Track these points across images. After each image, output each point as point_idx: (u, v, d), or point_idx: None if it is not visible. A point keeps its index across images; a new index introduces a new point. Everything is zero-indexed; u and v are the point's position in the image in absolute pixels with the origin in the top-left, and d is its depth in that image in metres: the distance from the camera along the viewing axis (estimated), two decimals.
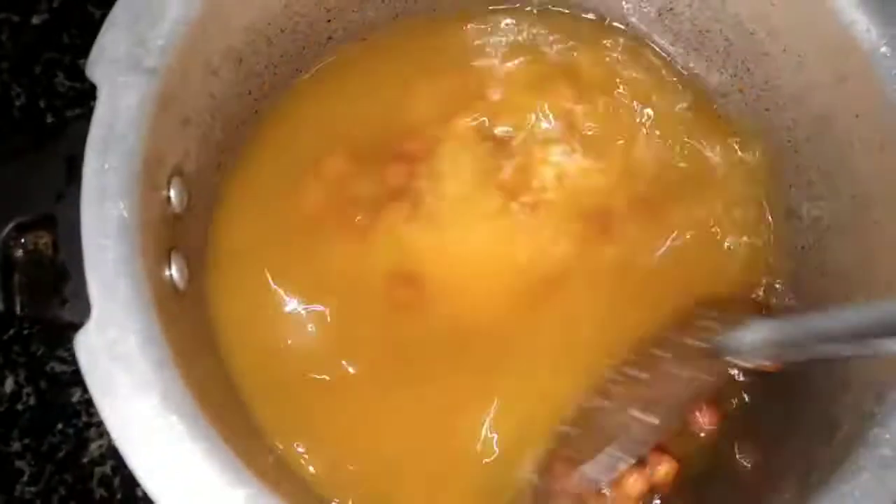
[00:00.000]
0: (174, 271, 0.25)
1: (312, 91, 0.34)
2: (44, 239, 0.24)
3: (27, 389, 0.38)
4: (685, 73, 0.34)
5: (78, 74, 0.41)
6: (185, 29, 0.24)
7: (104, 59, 0.23)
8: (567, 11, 0.34)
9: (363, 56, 0.34)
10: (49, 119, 0.41)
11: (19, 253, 0.24)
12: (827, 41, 0.28)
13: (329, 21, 0.33)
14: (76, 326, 0.23)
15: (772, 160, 0.32)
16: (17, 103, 0.41)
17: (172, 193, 0.26)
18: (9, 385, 0.37)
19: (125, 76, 0.23)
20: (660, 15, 0.33)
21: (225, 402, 0.26)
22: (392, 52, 0.35)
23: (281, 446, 0.29)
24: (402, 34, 0.35)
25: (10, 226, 0.23)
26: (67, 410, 0.37)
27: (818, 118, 0.29)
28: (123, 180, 0.22)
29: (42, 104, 0.41)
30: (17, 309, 0.23)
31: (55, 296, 0.23)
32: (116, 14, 0.23)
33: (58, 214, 0.23)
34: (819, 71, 0.29)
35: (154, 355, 0.21)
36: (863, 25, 0.27)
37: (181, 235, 0.26)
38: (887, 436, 0.23)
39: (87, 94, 0.41)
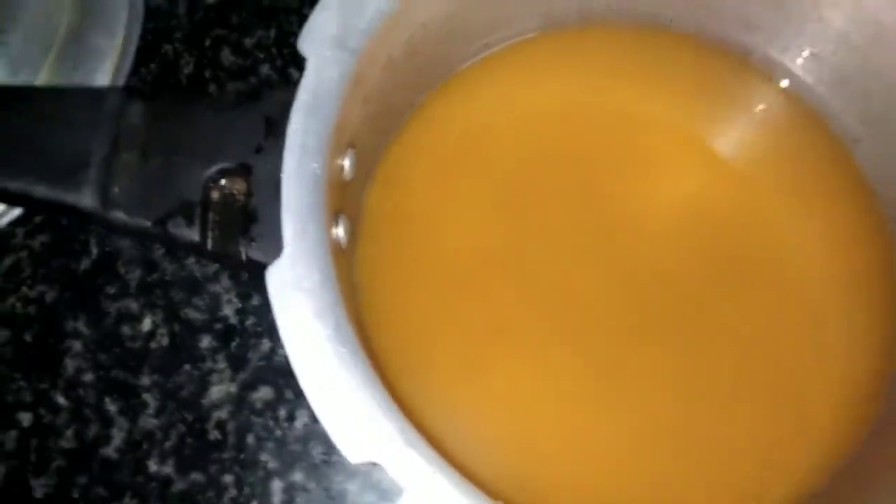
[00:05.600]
0: (340, 231, 0.28)
1: (463, 89, 0.37)
2: (238, 185, 0.27)
3: (162, 330, 0.41)
4: (820, 115, 0.36)
5: (242, 51, 0.45)
6: (382, 18, 0.28)
7: (314, 36, 0.26)
8: (710, 43, 0.37)
9: (513, 61, 0.37)
10: (211, 88, 0.44)
11: (216, 195, 0.27)
12: None
13: (491, 26, 0.36)
14: (257, 264, 0.26)
15: None
16: (185, 71, 0.45)
17: (346, 162, 0.29)
18: (146, 324, 0.41)
19: (331, 52, 0.26)
20: (804, 59, 0.35)
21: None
22: (541, 59, 0.38)
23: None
24: (553, 42, 0.38)
25: (213, 169, 0.27)
26: (195, 355, 0.41)
27: None
28: (320, 142, 0.25)
29: (207, 75, 0.45)
30: (209, 243, 0.27)
31: (243, 235, 0.26)
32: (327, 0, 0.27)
33: (254, 165, 0.27)
34: None
35: (331, 294, 0.24)
36: None
37: (347, 202, 0.30)
38: None
39: (247, 70, 0.45)
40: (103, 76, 0.42)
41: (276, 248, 0.25)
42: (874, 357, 0.33)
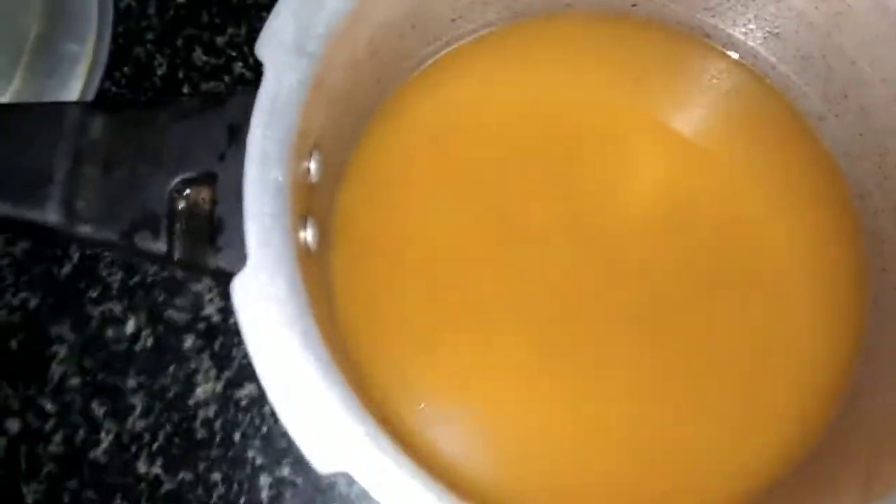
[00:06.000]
0: (308, 234, 0.28)
1: (431, 83, 0.37)
2: (203, 194, 0.27)
3: (146, 332, 0.41)
4: (785, 94, 0.36)
5: (214, 50, 0.45)
6: (340, 20, 0.28)
7: (272, 41, 0.26)
8: (673, 26, 0.37)
9: (480, 54, 0.37)
10: (185, 89, 0.45)
11: (182, 205, 0.27)
12: None
13: (454, 20, 0.36)
14: (225, 273, 0.27)
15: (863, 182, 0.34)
16: (159, 73, 0.45)
17: (312, 165, 0.29)
18: (130, 327, 0.41)
19: (289, 58, 0.26)
20: (765, 39, 0.35)
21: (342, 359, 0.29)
22: (508, 51, 0.37)
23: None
24: (521, 34, 0.38)
25: (178, 179, 0.27)
26: (180, 355, 0.41)
27: None
28: (282, 148, 0.25)
29: (181, 75, 0.45)
30: (176, 254, 0.27)
31: (210, 245, 0.27)
32: (284, 2, 0.27)
33: (218, 173, 0.27)
34: None
35: (297, 300, 0.24)
36: None
37: (314, 204, 0.30)
38: None
39: (220, 69, 0.45)
40: (76, 82, 0.42)
41: (243, 257, 0.25)
42: (838, 342, 0.33)
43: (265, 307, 0.24)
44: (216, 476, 0.39)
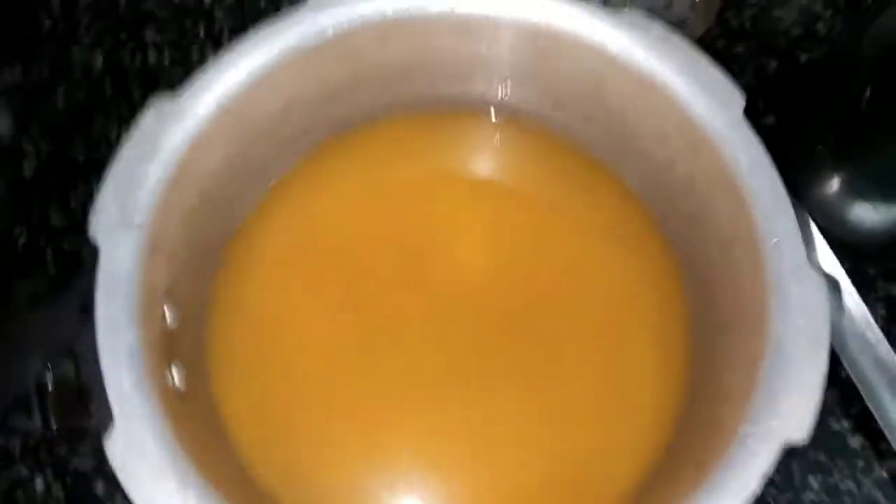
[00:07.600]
0: (175, 379, 0.31)
1: (280, 202, 0.40)
2: (68, 367, 0.30)
3: (55, 487, 0.43)
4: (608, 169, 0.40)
5: (67, 213, 0.47)
6: (164, 186, 0.31)
7: (101, 221, 0.30)
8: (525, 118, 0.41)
9: (325, 164, 0.41)
10: (49, 256, 0.46)
11: (50, 380, 0.30)
12: (680, 124, 0.35)
13: (294, 143, 0.39)
14: (99, 433, 0.29)
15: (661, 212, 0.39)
16: (21, 242, 0.47)
17: (167, 314, 0.32)
18: (39, 485, 0.43)
19: (119, 234, 0.29)
20: (583, 124, 0.40)
21: (236, 484, 0.32)
22: (343, 161, 0.41)
23: None
24: (365, 139, 0.41)
25: (41, 359, 0.30)
26: (91, 502, 0.43)
27: (686, 179, 0.36)
28: (129, 316, 0.28)
29: (42, 242, 0.46)
30: (53, 424, 0.30)
31: (81, 410, 0.29)
32: (107, 185, 0.30)
33: (77, 348, 0.30)
34: (678, 145, 0.35)
35: (167, 451, 0.27)
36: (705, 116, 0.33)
37: (178, 346, 0.33)
38: None
39: (76, 228, 0.47)
40: None
41: (110, 417, 0.27)
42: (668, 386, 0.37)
43: (139, 463, 0.27)
44: None
